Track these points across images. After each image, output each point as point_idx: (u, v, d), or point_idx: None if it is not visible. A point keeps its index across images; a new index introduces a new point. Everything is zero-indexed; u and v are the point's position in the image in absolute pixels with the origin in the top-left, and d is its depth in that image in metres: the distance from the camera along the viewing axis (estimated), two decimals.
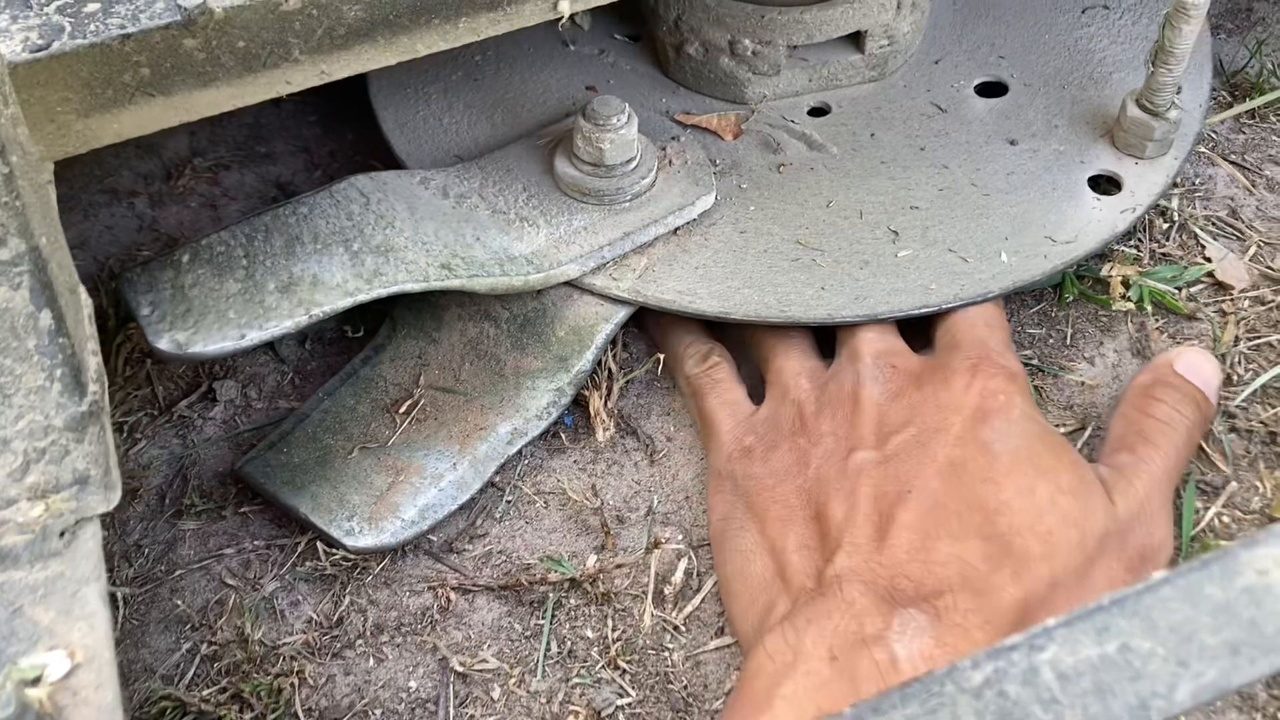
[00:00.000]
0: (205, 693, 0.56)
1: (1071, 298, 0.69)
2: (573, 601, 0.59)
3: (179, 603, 0.59)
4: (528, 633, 0.58)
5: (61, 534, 0.41)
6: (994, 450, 0.56)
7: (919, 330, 0.65)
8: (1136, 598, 0.36)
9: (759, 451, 0.60)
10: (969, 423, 0.57)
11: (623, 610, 0.59)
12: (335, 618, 0.59)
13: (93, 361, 0.44)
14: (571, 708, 0.56)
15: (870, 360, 0.61)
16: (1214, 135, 0.77)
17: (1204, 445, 0.62)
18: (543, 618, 0.59)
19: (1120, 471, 0.57)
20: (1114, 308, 0.68)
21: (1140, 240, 0.71)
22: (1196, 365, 0.61)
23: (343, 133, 0.79)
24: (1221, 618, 0.36)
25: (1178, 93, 0.68)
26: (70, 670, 0.38)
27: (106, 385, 0.45)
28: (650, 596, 0.59)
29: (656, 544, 0.61)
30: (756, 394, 0.64)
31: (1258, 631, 0.36)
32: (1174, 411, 0.60)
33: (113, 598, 0.58)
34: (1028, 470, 0.55)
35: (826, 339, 0.65)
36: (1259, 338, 0.67)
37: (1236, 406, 0.64)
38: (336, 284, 0.58)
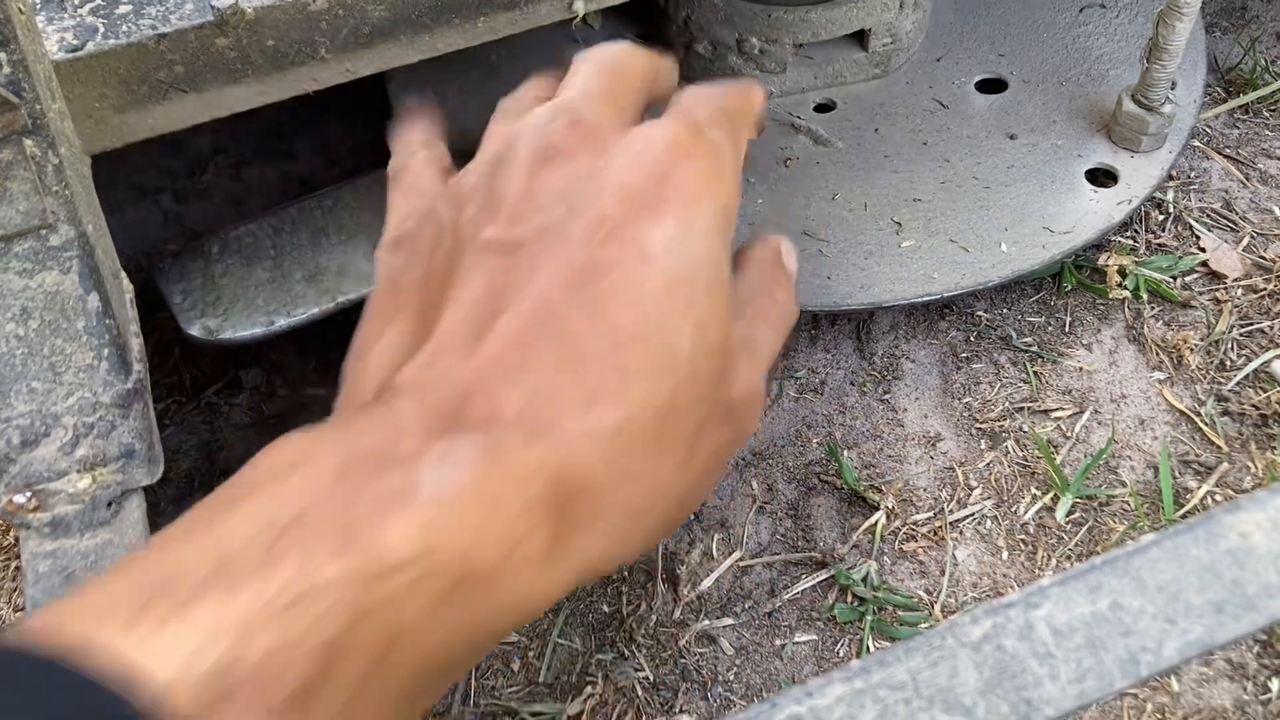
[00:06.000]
0: None
1: (1070, 286, 0.71)
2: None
3: None
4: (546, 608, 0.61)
5: (109, 504, 0.43)
6: (652, 263, 0.42)
7: (918, 327, 0.67)
8: (1127, 558, 0.38)
9: (408, 238, 0.46)
10: (636, 215, 0.42)
11: (638, 587, 0.61)
12: None
13: (135, 343, 0.46)
14: (589, 679, 0.58)
15: (550, 107, 0.45)
16: (1209, 129, 0.79)
17: (1199, 426, 0.65)
18: None
19: (749, 350, 0.45)
20: (1111, 296, 0.70)
21: (1136, 231, 0.73)
22: (790, 255, 0.47)
23: (362, 130, 0.82)
24: (1206, 578, 0.38)
25: (1172, 88, 0.70)
26: None
27: (147, 365, 0.47)
28: (665, 575, 0.61)
29: None
30: None
31: (1240, 591, 0.38)
32: (789, 296, 0.47)
33: None
34: (683, 304, 0.42)
35: None
36: (1251, 324, 0.69)
37: (1229, 390, 0.66)
38: (361, 273, 0.61)
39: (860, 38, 0.76)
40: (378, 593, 0.33)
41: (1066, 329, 0.70)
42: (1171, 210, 0.74)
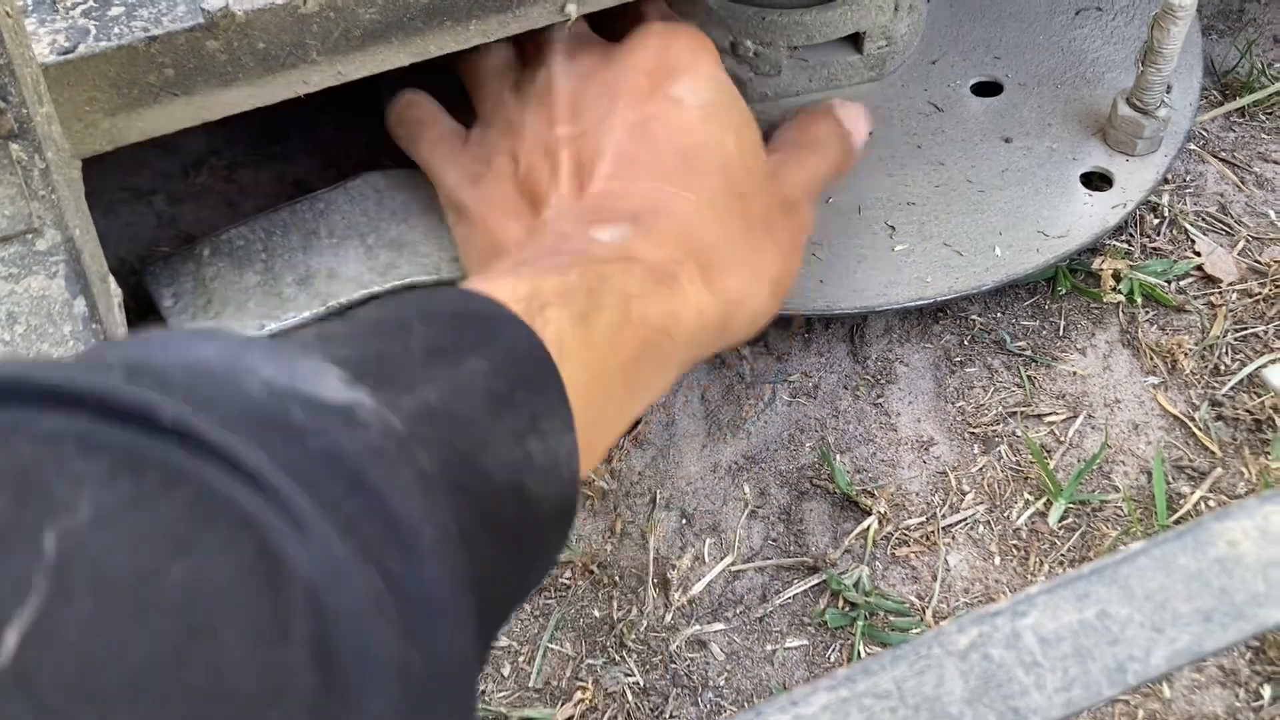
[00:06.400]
0: None
1: (1064, 290, 0.71)
2: (581, 584, 0.61)
3: None
4: (537, 613, 0.61)
5: None
6: (686, 103, 0.58)
7: (912, 331, 0.67)
8: (1115, 567, 0.38)
9: (481, 174, 0.62)
10: (658, 80, 0.59)
11: (629, 592, 0.61)
12: None
13: None
14: (579, 684, 0.58)
15: (561, 54, 0.62)
16: (1204, 133, 0.79)
17: (1193, 430, 0.65)
18: (551, 598, 0.61)
19: (792, 162, 0.63)
20: (1105, 300, 0.70)
21: (1131, 235, 0.73)
22: (850, 113, 0.67)
23: (356, 132, 0.82)
24: (1194, 586, 0.38)
25: (1167, 92, 0.70)
26: None
27: None
28: (656, 579, 0.61)
29: (662, 529, 0.63)
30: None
31: (1228, 599, 0.38)
32: (831, 137, 0.66)
33: None
34: (720, 124, 0.58)
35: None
36: (1246, 329, 0.69)
37: (1224, 395, 0.66)
38: (352, 277, 0.60)
39: (855, 40, 0.76)
40: (608, 270, 0.48)
41: (1060, 333, 0.70)
42: (1166, 214, 0.74)
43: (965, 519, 0.63)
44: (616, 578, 0.61)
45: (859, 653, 0.59)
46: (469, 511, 0.34)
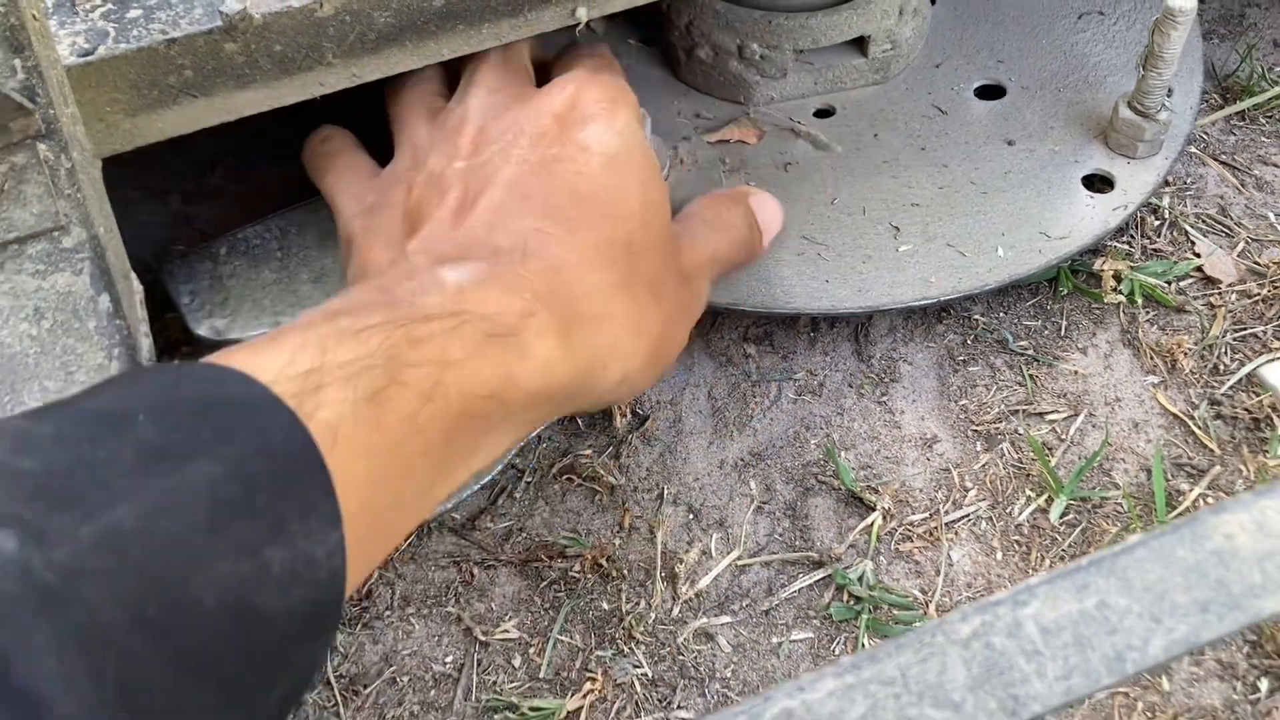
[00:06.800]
0: None
1: (1065, 291, 0.72)
2: (590, 577, 0.62)
3: None
4: (547, 605, 0.62)
5: None
6: (592, 150, 0.55)
7: (916, 330, 0.68)
8: (1113, 558, 0.39)
9: (375, 204, 0.59)
10: (569, 126, 0.56)
11: (637, 585, 0.62)
12: (364, 590, 0.62)
13: (145, 343, 0.47)
14: (589, 675, 0.59)
15: (482, 88, 0.60)
16: (1205, 136, 0.80)
17: (1192, 429, 0.66)
18: (561, 591, 0.62)
19: (691, 237, 0.61)
20: (1106, 301, 0.71)
21: (1132, 236, 0.74)
22: (765, 205, 0.65)
23: (369, 135, 0.82)
24: (1192, 578, 0.39)
25: (1168, 95, 0.71)
26: None
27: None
28: (664, 573, 0.62)
29: (670, 524, 0.64)
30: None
31: (1225, 591, 0.39)
32: (740, 222, 0.63)
33: None
34: (624, 175, 0.55)
35: None
36: (1245, 329, 0.70)
37: (1223, 394, 0.67)
38: None
39: (860, 44, 0.77)
40: (423, 330, 0.43)
41: (1062, 333, 0.71)
42: (1167, 216, 0.75)
43: (968, 515, 0.64)
44: (625, 571, 0.62)
45: (863, 645, 0.60)
46: (160, 651, 0.31)
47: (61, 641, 0.28)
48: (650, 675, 0.59)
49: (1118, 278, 0.71)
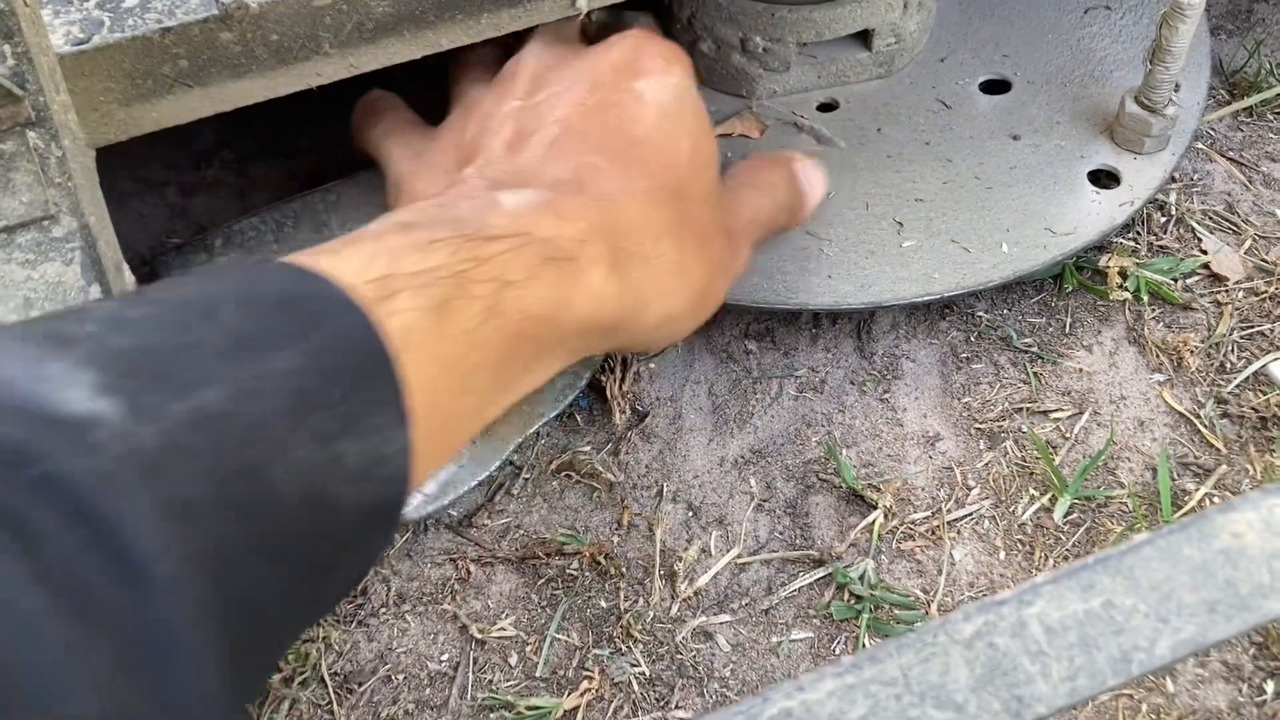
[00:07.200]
0: None
1: (1071, 288, 0.71)
2: (588, 575, 0.62)
3: None
4: (544, 603, 0.61)
5: None
6: (645, 99, 0.56)
7: (919, 327, 0.67)
8: (1120, 557, 0.39)
9: (425, 149, 0.60)
10: (624, 75, 0.57)
11: (636, 583, 0.61)
12: (360, 587, 0.61)
13: None
14: (586, 674, 0.58)
15: (537, 42, 0.61)
16: (1212, 132, 0.79)
17: (1198, 428, 0.65)
18: (559, 588, 0.61)
19: (740, 199, 0.62)
20: (1111, 298, 0.71)
21: (1138, 233, 0.73)
22: (808, 171, 0.65)
23: None
24: (1199, 577, 0.39)
25: (1175, 90, 0.70)
26: None
27: None
28: (663, 571, 0.62)
29: (669, 521, 0.63)
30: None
31: (1233, 591, 0.39)
32: (782, 185, 0.64)
33: None
34: (676, 125, 0.56)
35: None
36: (1252, 327, 0.69)
37: (1229, 393, 0.66)
38: None
39: (864, 37, 0.76)
40: (487, 250, 0.44)
41: (1067, 330, 0.70)
42: (1173, 212, 0.74)
43: (970, 514, 0.64)
44: (623, 569, 0.62)
45: (864, 645, 0.59)
46: (240, 530, 0.32)
47: (158, 509, 0.29)
48: (648, 674, 0.59)
49: (1123, 274, 0.71)
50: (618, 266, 0.50)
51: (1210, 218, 0.74)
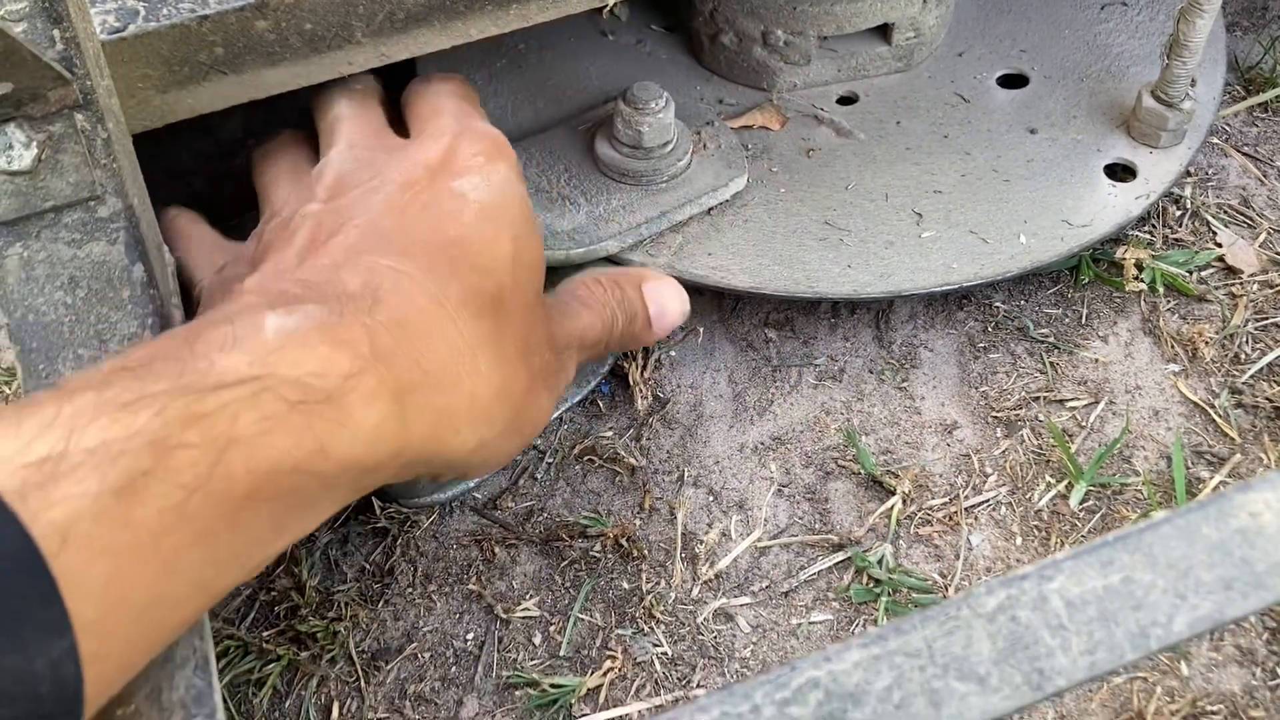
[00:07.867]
0: (266, 634, 0.60)
1: (1087, 279, 0.72)
2: (610, 557, 0.63)
3: None
4: (567, 584, 0.62)
5: None
6: (466, 197, 0.50)
7: (937, 317, 0.68)
8: (1139, 535, 0.39)
9: (224, 263, 0.55)
10: (442, 175, 0.51)
11: (658, 565, 0.62)
12: (386, 567, 0.63)
13: (177, 314, 0.48)
14: (609, 654, 0.59)
15: (344, 144, 0.56)
16: (1227, 127, 0.80)
17: (1213, 417, 0.66)
18: (582, 570, 0.62)
19: (569, 317, 0.55)
20: (1127, 289, 0.71)
21: (1154, 226, 0.74)
22: (661, 291, 0.58)
23: (392, 115, 0.83)
24: (1217, 555, 0.39)
25: (1192, 85, 0.71)
26: None
27: None
28: (684, 554, 0.63)
29: (690, 505, 0.64)
30: None
31: (1250, 569, 0.39)
32: (619, 306, 0.57)
33: None
34: (499, 225, 0.50)
35: None
36: (1266, 319, 0.70)
37: (1243, 383, 0.67)
38: None
39: (884, 31, 0.77)
40: (207, 404, 0.37)
41: (1083, 321, 0.71)
42: (1189, 206, 0.75)
43: (988, 500, 0.64)
44: (645, 551, 0.63)
45: None
46: None
47: None
48: (670, 654, 0.60)
49: (1139, 266, 0.72)
50: (409, 394, 0.43)
51: (1225, 211, 0.75)
